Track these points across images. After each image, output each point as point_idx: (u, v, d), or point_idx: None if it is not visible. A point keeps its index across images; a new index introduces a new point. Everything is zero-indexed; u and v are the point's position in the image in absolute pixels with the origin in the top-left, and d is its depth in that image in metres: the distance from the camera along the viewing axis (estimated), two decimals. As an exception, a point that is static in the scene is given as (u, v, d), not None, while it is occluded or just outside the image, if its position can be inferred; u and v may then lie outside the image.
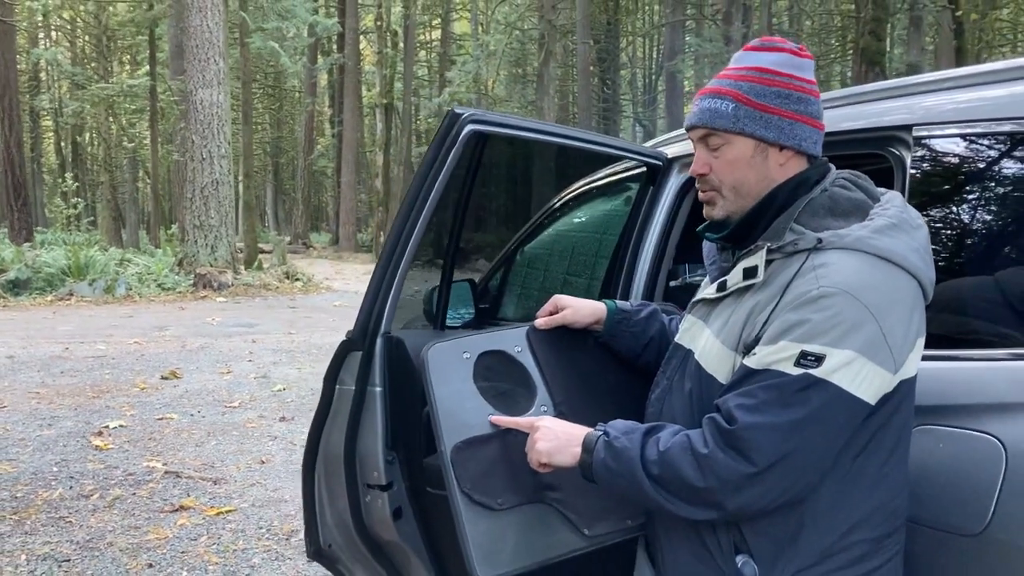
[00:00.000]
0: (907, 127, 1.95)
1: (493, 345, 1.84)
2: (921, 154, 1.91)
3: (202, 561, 4.23)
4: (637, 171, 2.85)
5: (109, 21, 33.03)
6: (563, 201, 3.39)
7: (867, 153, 2.11)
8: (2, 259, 16.24)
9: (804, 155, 1.56)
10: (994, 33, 27.53)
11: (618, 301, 1.96)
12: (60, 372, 8.77)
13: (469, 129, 2.10)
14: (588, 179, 3.26)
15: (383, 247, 2.17)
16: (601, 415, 1.60)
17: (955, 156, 1.89)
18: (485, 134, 2.24)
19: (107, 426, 6.69)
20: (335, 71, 36.62)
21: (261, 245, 24.56)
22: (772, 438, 1.35)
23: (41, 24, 38.58)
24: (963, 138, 1.86)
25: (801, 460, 1.37)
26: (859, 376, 1.35)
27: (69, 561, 4.20)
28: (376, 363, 2.15)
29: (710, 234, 1.66)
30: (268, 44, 25.52)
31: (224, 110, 17.38)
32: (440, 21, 41.37)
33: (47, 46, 38.20)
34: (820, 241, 1.43)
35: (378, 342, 2.15)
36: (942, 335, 1.68)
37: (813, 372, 1.34)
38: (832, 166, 1.60)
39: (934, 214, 1.88)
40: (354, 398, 2.16)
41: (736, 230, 1.57)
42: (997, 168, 1.81)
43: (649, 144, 2.96)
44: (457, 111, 2.11)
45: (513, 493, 1.69)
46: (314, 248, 35.67)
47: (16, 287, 15.30)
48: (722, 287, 1.56)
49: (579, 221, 3.48)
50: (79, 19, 37.05)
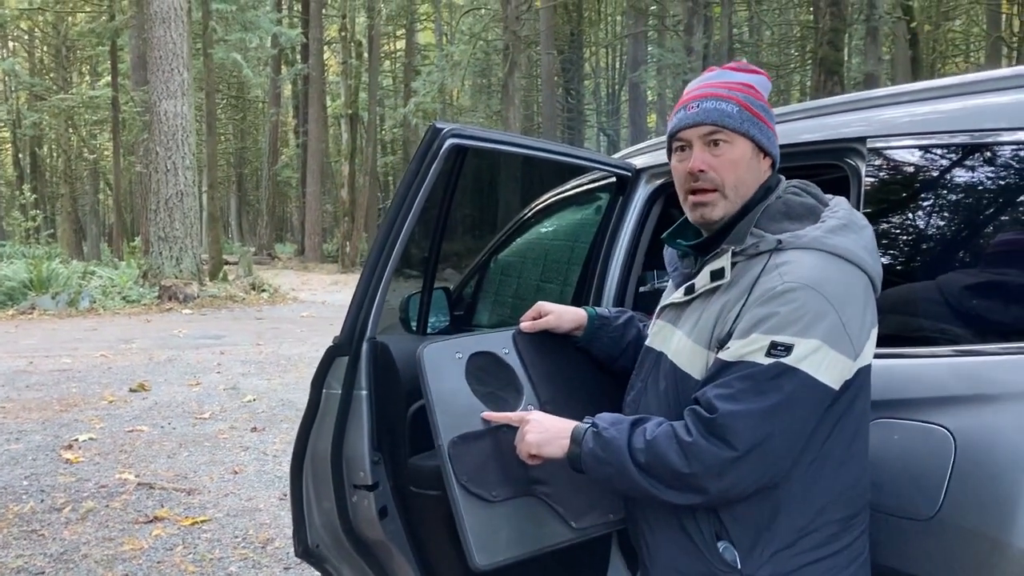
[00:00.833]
0: (862, 139, 2.08)
1: (483, 347, 1.94)
2: (876, 164, 2.04)
3: (179, 571, 4.25)
4: (607, 181, 2.96)
5: (69, 31, 32.62)
6: (536, 210, 3.49)
7: (824, 164, 2.23)
8: (-39, 273, 15.98)
9: (772, 165, 1.70)
10: (947, 44, 28.21)
11: (598, 308, 2.06)
12: (25, 386, 8.68)
13: (450, 143, 2.19)
14: (560, 189, 3.36)
15: (368, 256, 2.25)
16: (583, 413, 1.69)
17: (907, 166, 2.02)
18: (465, 147, 2.33)
19: (77, 439, 6.64)
20: (299, 81, 36.41)
21: (226, 256, 24.35)
22: (750, 424, 1.45)
23: (-2, 34, 37.99)
24: (916, 149, 1.98)
25: (777, 444, 1.47)
26: (824, 363, 1.47)
27: (43, 573, 4.20)
28: (362, 367, 2.23)
29: (681, 241, 1.76)
30: (231, 55, 25.35)
31: (188, 121, 17.26)
32: (404, 32, 41.35)
33: (4, 56, 37.59)
34: (780, 242, 1.55)
35: (364, 347, 2.23)
36: (894, 334, 1.80)
37: (784, 360, 1.45)
38: (782, 176, 1.72)
39: (887, 220, 2.00)
40: (341, 401, 2.24)
41: (720, 232, 1.66)
42: (947, 177, 1.93)
43: (618, 156, 3.07)
44: (439, 126, 2.20)
45: (506, 486, 1.78)
46: (279, 259, 35.40)
47: (-24, 301, 15.07)
48: (690, 290, 1.67)
49: (552, 229, 3.57)
50: (38, 29, 36.54)
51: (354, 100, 32.83)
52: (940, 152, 1.94)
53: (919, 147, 1.97)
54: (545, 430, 1.68)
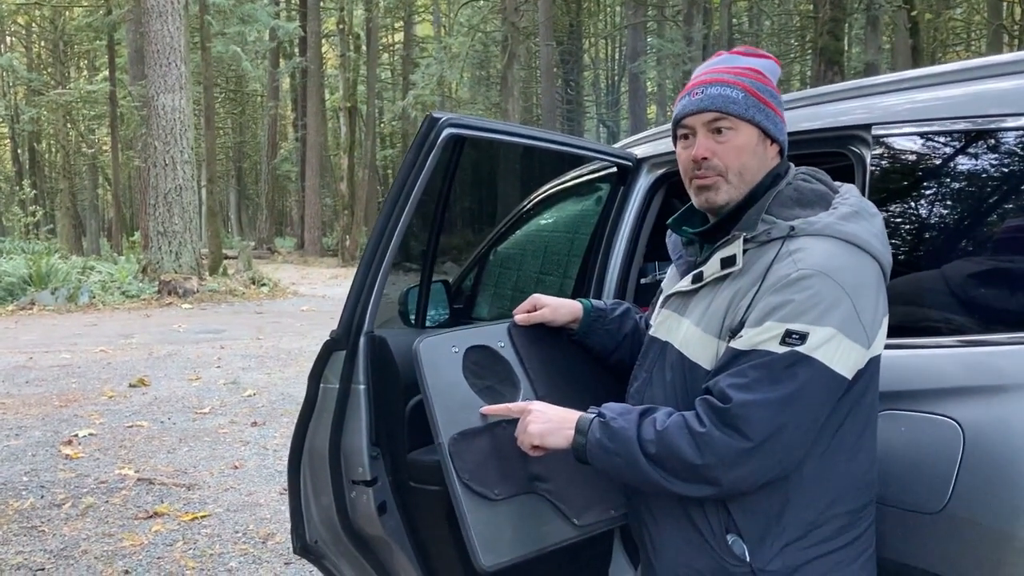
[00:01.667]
0: (867, 126, 2.04)
1: (479, 340, 1.90)
2: (880, 152, 2.00)
3: (179, 566, 4.23)
4: (607, 171, 2.92)
5: (66, 26, 32.53)
6: (535, 202, 3.45)
7: (828, 152, 2.19)
8: (-40, 269, 15.96)
9: (780, 152, 1.66)
10: (948, 32, 28.11)
11: (593, 300, 2.02)
12: (25, 382, 8.66)
13: (447, 133, 2.16)
14: (559, 180, 3.32)
15: (365, 248, 2.22)
16: (581, 407, 1.65)
17: (912, 153, 1.98)
18: (463, 137, 2.29)
19: (76, 435, 6.63)
20: (297, 75, 36.34)
21: (226, 251, 24.31)
22: (765, 414, 1.42)
23: (-5, 29, 37.90)
24: (920, 136, 1.95)
25: (791, 434, 1.44)
26: (838, 352, 1.44)
27: (43, 570, 4.18)
28: (360, 361, 2.19)
29: (687, 228, 1.73)
30: (231, 48, 25.28)
31: (186, 115, 17.20)
32: (403, 24, 41.27)
33: (2, 52, 37.50)
34: (792, 229, 1.52)
35: (361, 341, 2.19)
36: (902, 325, 1.76)
37: (798, 349, 1.43)
38: (791, 163, 1.69)
39: (893, 209, 1.97)
40: (338, 396, 2.21)
41: (727, 219, 1.62)
42: (952, 165, 1.90)
43: (618, 145, 3.04)
44: (436, 115, 2.17)
45: (507, 484, 1.74)
46: (279, 253, 35.37)
47: (-25, 297, 15.06)
48: (698, 278, 1.63)
49: (551, 221, 3.54)
50: (35, 24, 36.44)
51: (352, 93, 32.74)
52: (949, 139, 1.90)
53: (927, 134, 1.93)
54: (548, 420, 1.64)
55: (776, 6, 28.52)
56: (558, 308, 1.97)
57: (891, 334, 1.59)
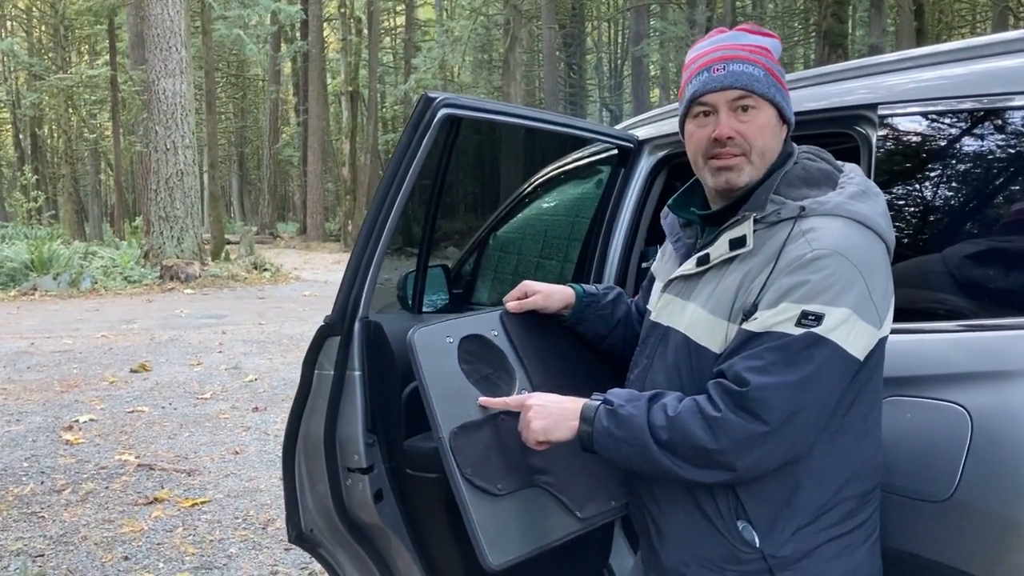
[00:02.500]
0: (872, 106, 1.99)
1: (472, 329, 1.86)
2: (886, 132, 1.95)
3: (179, 552, 4.22)
4: (608, 154, 2.87)
5: (66, 10, 32.40)
6: (535, 185, 3.41)
7: (833, 132, 2.14)
8: (-38, 254, 15.95)
9: (788, 132, 1.63)
10: (953, 14, 27.91)
11: (585, 286, 1.98)
12: (26, 367, 8.66)
13: (443, 113, 2.11)
14: (559, 163, 3.28)
15: (359, 232, 2.17)
16: (576, 394, 1.61)
17: (918, 134, 1.94)
18: (459, 118, 2.24)
19: (77, 420, 6.62)
20: (299, 59, 36.21)
21: (228, 236, 24.29)
22: (783, 397, 1.39)
23: (-4, 14, 37.76)
24: (926, 116, 1.90)
25: (806, 417, 1.42)
26: (852, 333, 1.41)
27: (43, 556, 4.17)
28: (355, 347, 2.15)
29: (694, 209, 1.68)
30: (234, 32, 25.16)
31: (187, 100, 17.14)
32: (404, 7, 41.03)
33: (2, 36, 37.38)
34: (803, 209, 1.48)
35: (356, 326, 2.15)
36: (908, 308, 1.72)
37: (815, 331, 1.40)
38: (794, 143, 1.64)
39: (899, 190, 1.92)
40: (333, 382, 2.16)
41: (740, 199, 1.57)
42: (958, 145, 1.86)
43: (620, 127, 2.99)
44: (431, 95, 2.11)
45: (509, 477, 1.70)
46: (281, 238, 35.37)
47: (-23, 282, 15.06)
48: (703, 260, 1.59)
49: (551, 204, 3.49)
50: (35, 8, 36.31)
51: (354, 77, 32.59)
52: (956, 119, 1.85)
53: (934, 113, 1.89)
54: (550, 414, 1.59)
55: (780, -12, 28.30)
56: (550, 294, 1.93)
57: (897, 318, 1.56)
